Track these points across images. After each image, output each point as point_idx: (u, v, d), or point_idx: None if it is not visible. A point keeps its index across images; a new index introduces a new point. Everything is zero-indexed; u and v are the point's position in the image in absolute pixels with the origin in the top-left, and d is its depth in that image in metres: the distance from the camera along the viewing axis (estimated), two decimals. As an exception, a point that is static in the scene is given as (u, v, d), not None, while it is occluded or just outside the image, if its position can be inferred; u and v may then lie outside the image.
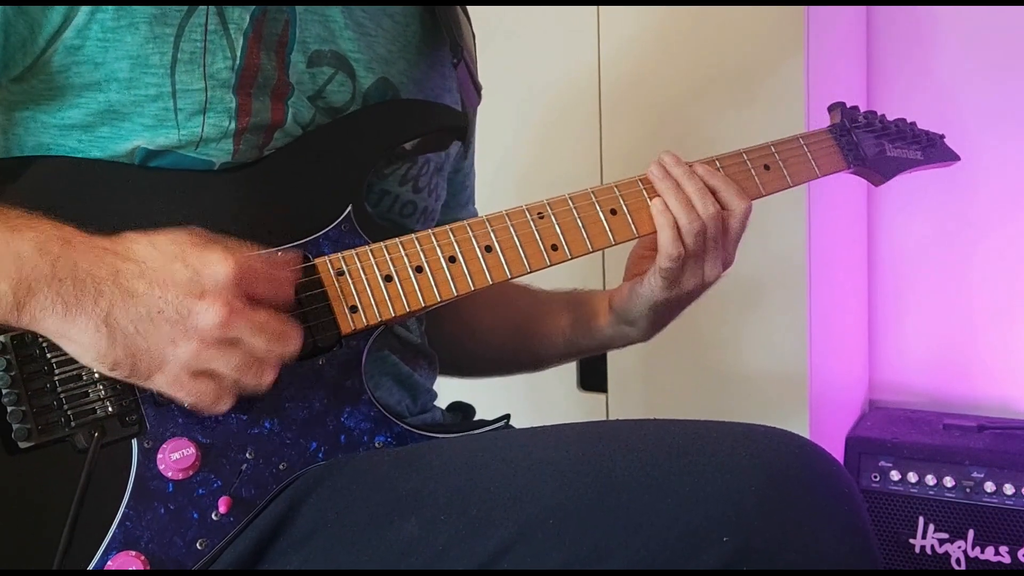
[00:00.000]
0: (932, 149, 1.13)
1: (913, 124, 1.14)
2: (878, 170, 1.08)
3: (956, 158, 1.15)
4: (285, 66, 0.87)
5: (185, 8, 0.82)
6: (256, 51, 0.85)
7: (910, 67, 1.92)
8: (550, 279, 1.14)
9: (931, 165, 1.13)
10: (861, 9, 1.91)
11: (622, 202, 0.94)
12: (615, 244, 0.93)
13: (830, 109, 1.11)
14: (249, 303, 0.73)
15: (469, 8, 1.09)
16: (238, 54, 0.84)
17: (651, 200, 0.94)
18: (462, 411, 1.08)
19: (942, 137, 1.16)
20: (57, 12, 0.78)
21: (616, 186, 0.94)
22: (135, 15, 0.80)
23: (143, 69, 0.81)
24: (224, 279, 0.72)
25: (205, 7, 0.83)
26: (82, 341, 0.70)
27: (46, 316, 0.69)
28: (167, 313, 0.71)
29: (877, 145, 1.08)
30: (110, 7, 0.79)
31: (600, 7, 1.72)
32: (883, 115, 1.12)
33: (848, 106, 1.10)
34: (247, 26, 0.85)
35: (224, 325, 0.71)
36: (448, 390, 1.11)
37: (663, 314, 1.02)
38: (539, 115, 1.80)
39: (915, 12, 1.89)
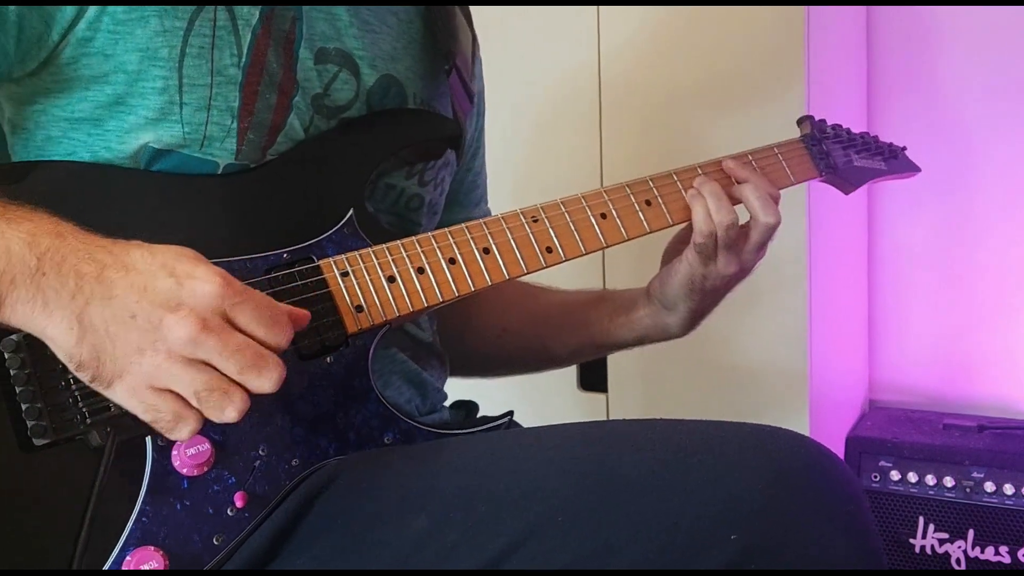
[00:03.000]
0: (894, 160, 1.18)
1: (875, 137, 1.19)
2: (847, 179, 1.13)
3: (917, 169, 1.20)
4: (293, 63, 0.88)
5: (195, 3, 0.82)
6: (264, 48, 0.86)
7: (910, 67, 1.92)
8: (552, 282, 1.15)
9: (894, 176, 1.18)
10: (861, 9, 1.92)
11: (611, 207, 0.96)
12: (606, 247, 0.95)
13: (799, 122, 1.15)
14: (229, 326, 0.69)
15: (470, 7, 1.10)
16: (245, 51, 0.85)
17: (685, 191, 1.00)
18: (465, 408, 1.09)
19: (903, 149, 1.21)
20: (70, 6, 0.79)
21: (604, 191, 0.97)
22: (145, 9, 0.81)
23: (151, 62, 0.81)
24: (205, 295, 0.68)
25: (213, 4, 0.83)
26: (55, 337, 0.68)
27: (25, 310, 0.67)
28: (139, 319, 0.67)
29: (845, 155, 1.13)
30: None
31: (600, 7, 1.72)
32: (848, 128, 1.16)
33: (816, 119, 1.15)
34: (256, 22, 0.85)
35: (193, 342, 0.67)
36: (449, 389, 1.11)
37: (701, 298, 1.03)
38: (539, 115, 1.80)
39: (915, 12, 1.90)
